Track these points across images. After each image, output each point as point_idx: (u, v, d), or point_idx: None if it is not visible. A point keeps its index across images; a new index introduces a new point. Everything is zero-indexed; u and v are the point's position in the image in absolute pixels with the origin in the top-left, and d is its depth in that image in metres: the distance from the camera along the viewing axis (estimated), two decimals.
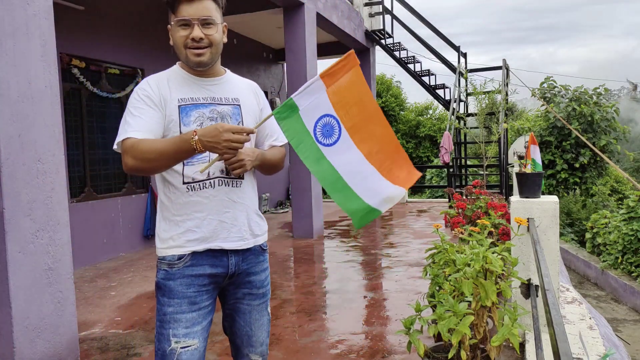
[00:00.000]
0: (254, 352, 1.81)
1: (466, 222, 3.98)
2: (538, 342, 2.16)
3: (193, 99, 1.67)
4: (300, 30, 7.01)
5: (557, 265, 3.13)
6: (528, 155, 3.49)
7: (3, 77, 2.71)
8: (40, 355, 2.84)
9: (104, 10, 6.39)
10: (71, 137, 5.97)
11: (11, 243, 2.71)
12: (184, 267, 1.63)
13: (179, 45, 1.67)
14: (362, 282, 4.83)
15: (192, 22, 1.62)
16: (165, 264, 1.64)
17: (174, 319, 1.61)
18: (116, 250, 6.48)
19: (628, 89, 35.74)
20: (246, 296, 1.76)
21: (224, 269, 1.68)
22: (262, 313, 1.80)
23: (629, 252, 9.68)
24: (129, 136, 1.57)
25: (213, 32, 1.65)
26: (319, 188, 7.38)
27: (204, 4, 1.63)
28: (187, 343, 1.61)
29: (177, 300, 1.62)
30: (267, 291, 1.82)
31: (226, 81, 1.77)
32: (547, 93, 14.15)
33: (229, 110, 1.71)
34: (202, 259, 1.65)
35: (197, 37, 1.62)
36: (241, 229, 1.70)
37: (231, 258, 1.69)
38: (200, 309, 1.65)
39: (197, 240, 1.64)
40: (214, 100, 1.70)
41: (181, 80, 1.70)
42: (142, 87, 1.67)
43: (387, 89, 19.81)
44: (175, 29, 1.66)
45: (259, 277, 1.78)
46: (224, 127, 1.46)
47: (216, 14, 1.66)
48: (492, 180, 10.15)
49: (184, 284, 1.63)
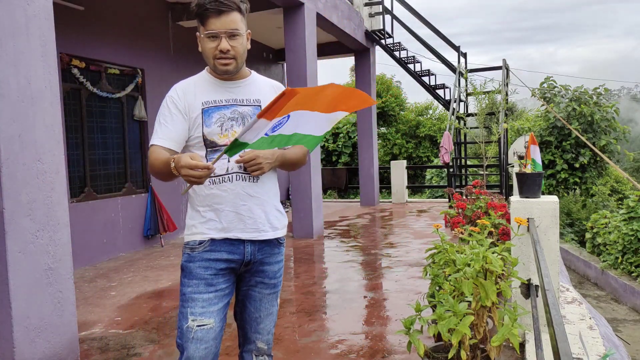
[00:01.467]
0: (261, 340, 1.92)
1: (466, 222, 3.98)
2: (538, 342, 2.16)
3: (215, 101, 1.82)
4: (300, 30, 7.01)
5: (557, 265, 3.13)
6: (528, 155, 3.49)
7: (3, 77, 2.71)
8: (40, 355, 2.84)
9: (104, 10, 6.39)
10: (71, 137, 5.97)
11: (11, 243, 2.71)
12: (203, 252, 1.78)
13: (207, 56, 1.80)
14: (362, 282, 4.84)
15: (219, 34, 1.75)
16: (188, 248, 1.81)
17: (192, 298, 1.75)
18: (116, 250, 6.48)
19: (628, 89, 35.77)
20: (258, 284, 1.89)
21: (240, 256, 1.82)
22: (272, 303, 1.92)
23: (629, 252, 9.68)
24: (154, 143, 1.79)
25: (238, 43, 1.79)
26: (319, 188, 7.39)
27: (231, 17, 1.75)
28: (203, 322, 1.73)
29: (195, 282, 1.76)
30: (278, 282, 1.93)
31: (250, 83, 1.89)
32: (547, 93, 14.15)
33: (250, 111, 1.84)
34: (220, 245, 1.79)
35: (224, 49, 1.76)
36: (257, 221, 1.82)
37: (247, 247, 1.82)
38: (217, 291, 1.78)
39: (216, 229, 1.79)
40: (236, 102, 1.84)
41: (207, 85, 1.85)
42: (170, 94, 1.85)
43: (387, 89, 19.79)
44: (204, 40, 1.78)
45: (272, 268, 1.90)
46: (181, 164, 1.58)
47: (241, 25, 1.79)
48: (492, 180, 10.15)
49: (202, 267, 1.77)
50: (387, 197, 12.74)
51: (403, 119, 19.35)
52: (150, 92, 7.16)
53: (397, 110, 19.62)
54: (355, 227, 8.09)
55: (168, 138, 1.78)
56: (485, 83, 8.93)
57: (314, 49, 7.34)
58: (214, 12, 1.72)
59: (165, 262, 6.05)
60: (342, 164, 17.24)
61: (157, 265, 5.86)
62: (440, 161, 8.90)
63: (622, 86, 37.00)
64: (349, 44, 9.68)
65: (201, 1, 1.73)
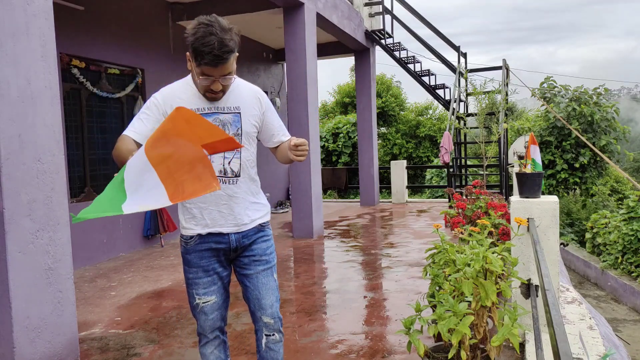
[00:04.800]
0: (266, 315, 2.10)
1: (466, 222, 3.98)
2: (538, 342, 2.16)
3: (199, 109, 1.97)
4: (300, 30, 7.01)
5: (557, 265, 3.13)
6: (528, 155, 3.49)
7: (3, 77, 2.71)
8: (40, 355, 2.84)
9: (104, 10, 6.39)
10: (71, 137, 5.97)
11: (11, 243, 2.71)
12: (194, 245, 2.06)
13: (198, 87, 1.95)
14: (362, 282, 4.84)
15: (214, 78, 1.88)
16: (183, 241, 2.09)
17: (194, 282, 2.07)
18: (116, 250, 6.48)
19: (628, 89, 35.76)
20: (252, 263, 2.10)
21: (227, 245, 2.06)
22: (268, 278, 2.12)
23: (629, 252, 9.68)
24: (126, 133, 1.94)
25: (230, 81, 1.94)
26: (319, 188, 7.39)
27: (227, 64, 1.85)
28: (206, 299, 2.07)
29: (194, 269, 2.07)
30: (270, 259, 2.14)
31: (231, 90, 2.01)
32: (547, 93, 14.15)
33: (230, 118, 2.01)
34: (207, 237, 2.05)
35: (216, 90, 1.92)
36: (236, 217, 2.05)
37: (231, 236, 2.06)
38: (214, 274, 2.08)
39: (200, 226, 2.04)
40: (217, 110, 1.99)
41: (190, 94, 1.99)
42: (155, 96, 2.01)
43: (387, 89, 19.79)
44: (197, 76, 1.89)
45: (261, 246, 2.12)
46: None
47: (233, 63, 1.90)
48: (492, 180, 10.15)
49: (197, 257, 2.06)
50: (387, 197, 12.74)
51: (403, 119, 19.36)
52: (150, 92, 7.10)
53: (397, 110, 19.63)
54: (355, 227, 8.09)
55: (140, 133, 1.94)
56: (485, 83, 8.91)
57: (314, 49, 7.34)
58: (213, 65, 1.82)
59: (165, 262, 6.05)
60: (342, 164, 17.25)
61: (157, 265, 5.86)
62: (440, 161, 8.90)
63: (622, 86, 37.01)
64: (349, 44, 9.68)
65: (200, 49, 1.79)
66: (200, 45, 1.79)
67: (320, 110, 19.90)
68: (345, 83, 21.32)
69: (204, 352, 2.15)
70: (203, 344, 2.15)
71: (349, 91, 20.33)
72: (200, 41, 1.79)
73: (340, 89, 21.25)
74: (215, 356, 2.15)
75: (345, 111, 20.35)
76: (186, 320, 3.87)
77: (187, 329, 3.70)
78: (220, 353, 2.16)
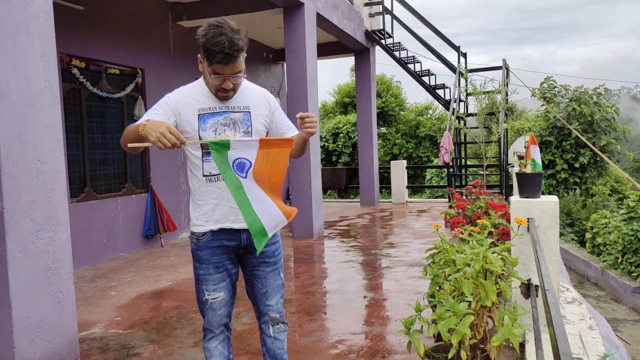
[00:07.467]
0: (272, 310, 2.20)
1: (466, 222, 3.98)
2: (538, 342, 2.16)
3: (210, 109, 2.05)
4: (300, 30, 7.01)
5: (557, 265, 3.13)
6: (528, 155, 3.48)
7: (3, 77, 2.71)
8: (40, 355, 2.84)
9: (104, 10, 6.39)
10: (71, 137, 5.97)
11: (11, 243, 2.71)
12: (207, 241, 2.10)
13: (210, 86, 2.03)
14: (362, 282, 4.84)
15: (225, 77, 1.96)
16: (194, 238, 2.13)
17: (205, 279, 2.12)
18: (116, 250, 6.48)
19: (628, 89, 35.76)
20: (261, 264, 2.18)
21: (238, 242, 2.12)
22: (275, 277, 2.21)
23: (629, 252, 9.68)
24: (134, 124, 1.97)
25: (240, 79, 2.02)
26: (319, 188, 7.39)
27: (237, 63, 1.94)
28: (215, 295, 2.12)
29: (205, 266, 2.11)
30: (278, 260, 2.22)
31: (241, 92, 2.10)
32: (547, 93, 14.14)
33: (240, 117, 2.09)
34: (219, 234, 2.10)
35: (227, 88, 2.00)
36: None
37: (243, 234, 2.11)
38: (224, 271, 2.14)
39: (212, 221, 2.09)
40: (228, 109, 2.07)
41: (202, 95, 2.07)
42: (168, 95, 2.08)
43: (387, 89, 19.80)
44: (209, 75, 1.97)
45: (270, 249, 2.19)
46: (168, 126, 1.78)
47: (243, 62, 1.99)
48: (492, 180, 10.15)
49: (209, 254, 2.10)
50: (387, 197, 12.74)
51: (403, 119, 19.36)
52: (150, 92, 7.15)
53: (397, 110, 19.63)
54: (355, 227, 8.09)
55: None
56: (485, 83, 8.91)
57: (314, 49, 7.33)
58: (224, 62, 1.90)
59: (165, 262, 6.05)
60: (342, 164, 17.24)
61: (157, 265, 5.86)
62: (440, 161, 8.90)
63: (622, 86, 36.99)
64: (349, 44, 9.68)
65: (212, 48, 1.88)
66: (212, 45, 1.87)
67: (320, 110, 19.90)
68: (345, 83, 21.33)
69: (208, 347, 2.19)
70: (208, 338, 2.19)
71: (349, 91, 20.34)
72: (212, 41, 1.87)
73: (340, 89, 21.26)
74: (219, 351, 2.18)
75: (345, 111, 20.35)
76: (186, 320, 3.87)
77: (187, 329, 3.70)
78: (223, 349, 2.20)
